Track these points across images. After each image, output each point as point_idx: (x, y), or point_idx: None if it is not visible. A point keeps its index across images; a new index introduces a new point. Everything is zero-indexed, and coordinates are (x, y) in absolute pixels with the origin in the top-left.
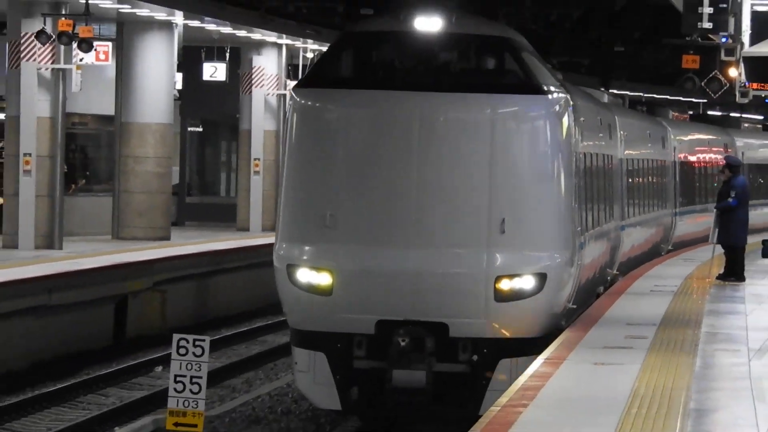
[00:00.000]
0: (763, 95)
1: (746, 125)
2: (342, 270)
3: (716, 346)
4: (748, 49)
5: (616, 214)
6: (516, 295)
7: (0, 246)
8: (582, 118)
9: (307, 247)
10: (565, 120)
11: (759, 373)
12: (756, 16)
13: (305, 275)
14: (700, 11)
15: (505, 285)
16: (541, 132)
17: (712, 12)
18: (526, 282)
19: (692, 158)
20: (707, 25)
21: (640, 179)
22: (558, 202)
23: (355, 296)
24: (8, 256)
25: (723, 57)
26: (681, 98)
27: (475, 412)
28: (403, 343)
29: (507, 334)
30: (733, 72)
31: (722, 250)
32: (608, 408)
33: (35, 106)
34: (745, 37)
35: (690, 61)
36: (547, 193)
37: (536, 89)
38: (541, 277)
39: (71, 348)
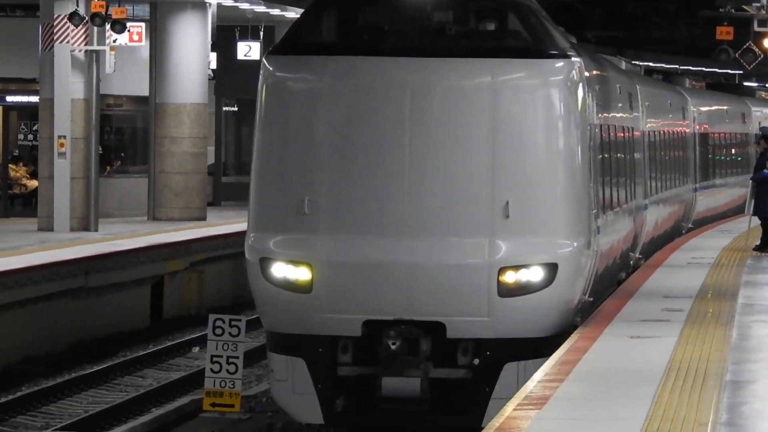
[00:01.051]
0: None
1: (762, 94)
2: (323, 263)
3: (753, 317)
4: None
5: (638, 192)
6: (523, 289)
7: (36, 229)
8: (599, 87)
9: (282, 238)
10: (579, 88)
11: None
12: None
13: (281, 270)
14: None
15: (510, 278)
16: (551, 101)
17: None
18: (534, 274)
19: (712, 129)
20: None
21: (663, 153)
22: (570, 181)
23: (339, 293)
24: (45, 239)
25: (756, 28)
26: (716, 70)
27: (478, 423)
28: (394, 346)
29: (513, 333)
30: (767, 42)
31: (758, 222)
32: (645, 381)
33: (69, 88)
34: None
35: (724, 33)
36: (558, 172)
37: (545, 53)
38: (552, 268)
39: (108, 330)
